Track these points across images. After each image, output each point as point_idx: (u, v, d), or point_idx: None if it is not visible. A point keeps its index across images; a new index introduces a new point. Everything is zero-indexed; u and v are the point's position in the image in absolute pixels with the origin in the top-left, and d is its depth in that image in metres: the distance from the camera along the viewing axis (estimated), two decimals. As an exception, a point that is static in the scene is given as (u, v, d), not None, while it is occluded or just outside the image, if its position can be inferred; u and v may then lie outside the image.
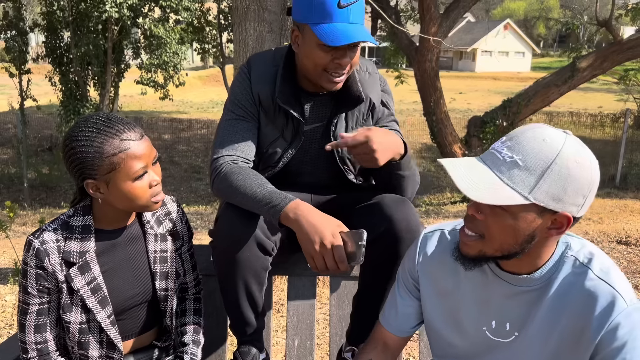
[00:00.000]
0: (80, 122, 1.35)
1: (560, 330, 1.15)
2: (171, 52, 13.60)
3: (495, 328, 1.24)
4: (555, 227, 1.09)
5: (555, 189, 1.04)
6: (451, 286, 1.30)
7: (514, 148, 1.06)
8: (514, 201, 1.04)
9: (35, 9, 15.42)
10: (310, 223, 1.39)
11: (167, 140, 16.48)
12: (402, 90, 10.95)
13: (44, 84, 13.68)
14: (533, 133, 1.07)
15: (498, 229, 1.09)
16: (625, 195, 10.12)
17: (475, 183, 1.06)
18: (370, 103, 1.72)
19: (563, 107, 20.37)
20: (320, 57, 1.55)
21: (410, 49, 9.63)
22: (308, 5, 1.52)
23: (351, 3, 1.49)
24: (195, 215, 8.54)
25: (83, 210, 1.42)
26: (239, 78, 1.70)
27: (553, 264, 1.16)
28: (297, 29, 1.59)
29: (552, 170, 1.03)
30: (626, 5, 12.03)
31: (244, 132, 1.65)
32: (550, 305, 1.16)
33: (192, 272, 1.66)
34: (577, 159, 1.04)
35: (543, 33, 64.73)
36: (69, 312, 1.40)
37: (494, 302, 1.23)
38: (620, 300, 1.09)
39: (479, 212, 1.11)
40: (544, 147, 1.04)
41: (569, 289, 1.14)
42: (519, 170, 1.05)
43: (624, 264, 4.35)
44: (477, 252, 1.14)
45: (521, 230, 1.08)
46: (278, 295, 3.60)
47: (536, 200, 1.04)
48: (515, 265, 1.17)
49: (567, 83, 9.35)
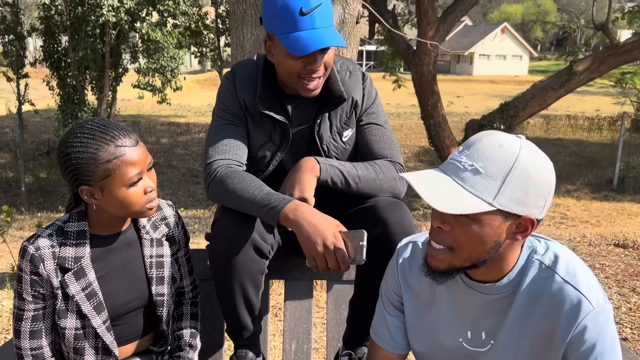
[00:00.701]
0: (75, 128, 1.34)
1: (531, 335, 1.16)
2: (169, 56, 13.61)
3: (471, 338, 1.24)
4: (520, 230, 1.09)
5: (518, 192, 1.05)
6: (429, 299, 1.30)
7: (472, 156, 1.07)
8: (479, 209, 1.04)
9: (33, 14, 15.43)
10: (311, 224, 1.39)
11: (165, 144, 16.48)
12: (400, 94, 10.97)
13: (41, 88, 13.67)
14: (489, 140, 1.07)
15: (465, 239, 1.09)
16: (623, 198, 10.14)
17: (439, 194, 1.05)
18: (352, 102, 1.72)
19: (560, 110, 20.42)
20: (292, 65, 1.55)
21: (408, 53, 9.65)
22: (273, 16, 1.51)
23: (314, 8, 1.47)
24: (193, 219, 8.54)
25: (78, 215, 1.42)
26: (224, 85, 1.72)
27: (519, 270, 1.17)
28: (269, 39, 1.60)
29: (513, 174, 1.04)
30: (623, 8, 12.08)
31: (234, 136, 1.66)
32: (519, 311, 1.17)
33: (188, 277, 1.66)
34: (534, 162, 1.06)
35: (540, 36, 64.93)
36: (64, 318, 1.39)
37: (468, 313, 1.24)
38: (586, 302, 1.09)
39: (444, 223, 1.10)
40: (502, 153, 1.05)
41: (536, 293, 1.15)
42: (480, 177, 1.05)
43: (622, 266, 4.36)
44: (447, 265, 1.13)
45: (488, 237, 1.08)
46: (275, 299, 3.59)
47: (500, 205, 1.05)
48: (484, 274, 1.18)
49: (565, 86, 9.38)
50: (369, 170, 1.66)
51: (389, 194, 1.69)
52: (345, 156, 1.75)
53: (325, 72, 1.60)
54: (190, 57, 28.31)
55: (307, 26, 1.48)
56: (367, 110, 1.75)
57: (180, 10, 12.65)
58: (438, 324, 1.29)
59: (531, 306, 1.15)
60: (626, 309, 3.54)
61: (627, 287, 3.89)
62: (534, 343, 1.16)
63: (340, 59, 1.76)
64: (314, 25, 1.48)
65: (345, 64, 1.75)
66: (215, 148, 1.63)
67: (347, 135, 1.73)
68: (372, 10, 5.94)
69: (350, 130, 1.74)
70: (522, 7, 69.31)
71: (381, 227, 1.55)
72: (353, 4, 2.99)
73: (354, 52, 3.16)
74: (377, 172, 1.66)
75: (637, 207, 8.54)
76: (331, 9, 1.54)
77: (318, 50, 1.51)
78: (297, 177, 1.55)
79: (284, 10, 1.48)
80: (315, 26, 1.48)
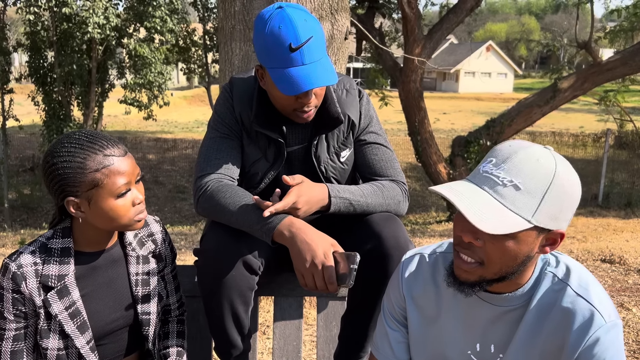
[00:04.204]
0: (62, 138, 1.31)
1: (541, 348, 1.15)
2: (156, 72, 13.59)
3: (479, 351, 1.23)
4: (549, 244, 1.10)
5: (554, 209, 1.04)
6: (435, 312, 1.28)
7: (511, 171, 1.05)
8: (520, 227, 1.03)
9: (19, 29, 15.34)
10: (303, 240, 1.37)
11: (152, 160, 16.38)
12: (387, 111, 11.04)
13: (26, 104, 13.58)
14: (526, 154, 1.06)
15: (499, 254, 1.07)
16: (608, 214, 10.24)
17: (482, 213, 1.03)
18: (349, 121, 1.69)
19: (545, 127, 20.68)
20: (284, 98, 1.53)
21: (395, 70, 9.73)
22: (262, 48, 1.48)
23: (303, 44, 1.42)
24: (180, 235, 8.45)
25: (62, 232, 1.38)
26: (222, 97, 1.69)
27: (533, 282, 1.16)
28: (260, 67, 1.56)
29: (552, 191, 1.04)
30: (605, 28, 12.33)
31: (228, 150, 1.63)
32: (530, 323, 1.16)
33: (175, 294, 1.62)
34: (569, 178, 1.06)
35: (524, 55, 65.97)
36: (47, 338, 1.35)
37: (477, 325, 1.22)
38: (598, 316, 1.09)
39: (477, 239, 1.08)
40: (540, 169, 1.04)
41: (549, 306, 1.15)
42: (520, 194, 1.03)
43: (609, 282, 4.37)
44: (477, 277, 1.11)
45: (522, 253, 1.07)
46: (264, 317, 3.54)
47: (538, 222, 1.04)
48: (502, 286, 1.16)
49: (549, 103, 9.50)
50: (377, 196, 1.61)
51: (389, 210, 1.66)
52: (344, 176, 1.73)
53: (318, 102, 1.57)
54: (178, 73, 28.31)
55: (297, 62, 1.43)
56: (365, 129, 1.72)
57: (167, 28, 12.67)
58: (444, 337, 1.27)
59: (542, 319, 1.15)
60: (615, 324, 3.53)
61: (615, 303, 3.90)
62: (543, 356, 1.15)
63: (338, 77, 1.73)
64: (303, 61, 1.44)
65: (343, 82, 1.72)
66: (207, 161, 1.60)
67: (344, 155, 1.70)
68: (360, 27, 6.00)
69: (348, 150, 1.71)
70: (507, 25, 70.48)
71: (375, 241, 1.53)
72: (341, 21, 3.00)
73: (342, 68, 3.17)
74: (385, 197, 1.62)
75: (622, 223, 8.61)
76: (323, 39, 1.49)
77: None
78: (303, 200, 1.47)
79: (273, 45, 1.43)
80: (305, 62, 1.44)
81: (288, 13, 1.43)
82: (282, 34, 1.41)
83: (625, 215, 10.19)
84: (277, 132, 1.63)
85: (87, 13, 11.10)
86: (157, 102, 14.42)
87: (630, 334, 3.42)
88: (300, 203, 1.44)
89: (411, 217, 10.48)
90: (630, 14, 10.84)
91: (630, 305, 3.86)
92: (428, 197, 12.75)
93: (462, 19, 9.07)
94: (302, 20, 1.43)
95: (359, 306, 1.64)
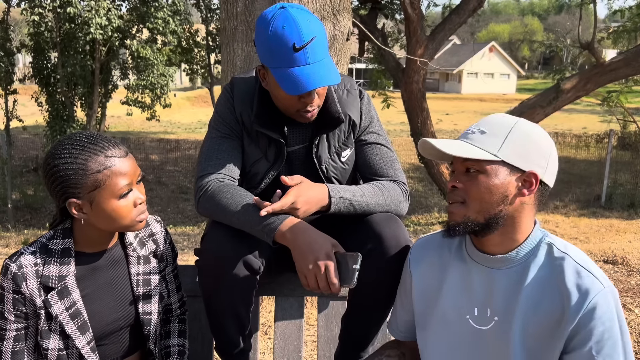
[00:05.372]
0: (63, 140, 1.32)
1: (540, 314, 1.19)
2: (159, 73, 13.62)
3: (477, 315, 1.27)
4: (526, 186, 1.20)
5: (519, 147, 1.20)
6: (437, 283, 1.35)
7: (480, 124, 1.26)
8: (484, 156, 1.18)
9: (23, 30, 15.39)
10: (305, 242, 1.37)
11: (155, 160, 16.40)
12: (390, 111, 11.03)
13: (30, 105, 13.62)
14: (495, 114, 1.29)
15: (476, 190, 1.21)
16: (611, 215, 10.22)
17: (450, 145, 1.23)
18: (350, 121, 1.69)
19: (548, 127, 20.65)
20: (287, 98, 1.52)
21: (397, 71, 9.72)
22: (265, 48, 1.47)
23: (307, 43, 1.42)
24: (182, 236, 8.46)
25: (63, 232, 1.38)
26: (222, 97, 1.69)
27: (531, 249, 1.23)
28: (262, 68, 1.56)
29: (513, 132, 1.21)
30: (608, 28, 12.30)
31: (229, 150, 1.63)
32: (530, 289, 1.21)
33: (176, 293, 1.63)
34: (532, 127, 1.24)
35: (527, 55, 65.88)
36: (47, 338, 1.35)
37: (475, 289, 1.28)
38: (597, 282, 1.15)
39: (457, 181, 1.24)
40: (504, 118, 1.25)
41: (548, 273, 1.20)
42: (485, 136, 1.22)
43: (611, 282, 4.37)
44: (462, 217, 1.23)
45: (495, 187, 1.19)
46: (265, 317, 3.55)
47: (504, 157, 1.19)
48: (495, 243, 1.24)
49: (552, 104, 9.47)
50: (377, 196, 1.61)
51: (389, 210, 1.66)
52: (345, 176, 1.73)
53: (321, 102, 1.57)
54: (181, 74, 28.36)
55: (301, 62, 1.43)
56: (366, 129, 1.72)
57: (169, 29, 12.69)
58: (445, 306, 1.32)
59: (542, 285, 1.20)
60: (617, 325, 3.53)
61: (617, 304, 3.89)
62: (541, 321, 1.19)
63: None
64: (307, 60, 1.43)
65: (344, 82, 1.72)
66: (208, 161, 1.60)
67: (345, 155, 1.70)
68: (363, 28, 6.00)
69: (349, 150, 1.71)
70: (510, 26, 70.40)
71: (376, 242, 1.52)
72: (343, 22, 3.00)
73: (344, 69, 3.17)
74: (385, 198, 1.62)
75: (625, 224, 8.59)
76: (326, 40, 1.49)
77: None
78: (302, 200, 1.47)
79: (276, 45, 1.43)
80: (309, 61, 1.44)
81: (291, 13, 1.42)
82: (285, 33, 1.41)
83: (628, 216, 10.16)
84: (277, 132, 1.63)
85: (89, 14, 11.13)
86: (160, 103, 14.46)
87: (632, 335, 3.41)
88: (299, 203, 1.44)
89: (413, 217, 10.47)
90: (633, 14, 10.81)
91: (633, 306, 3.85)
92: (430, 198, 12.73)
93: (464, 20, 9.06)
94: (305, 20, 1.43)
95: (359, 306, 1.63)
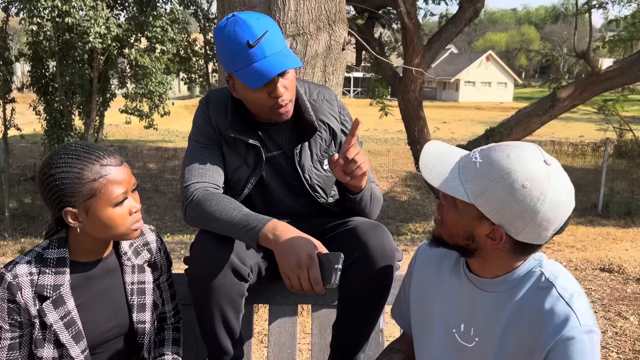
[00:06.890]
0: (59, 149, 1.34)
1: (516, 341, 1.18)
2: (157, 82, 13.64)
3: (463, 331, 1.28)
4: (491, 237, 1.14)
5: (496, 201, 1.09)
6: (433, 293, 1.35)
7: (483, 152, 1.14)
8: (457, 195, 1.13)
9: (22, 39, 15.43)
10: (287, 243, 1.39)
11: (153, 169, 16.40)
12: (387, 120, 11.07)
13: (28, 113, 13.61)
14: (507, 146, 1.12)
15: (448, 217, 1.19)
16: (608, 223, 10.24)
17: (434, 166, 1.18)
18: (330, 130, 1.74)
19: (545, 136, 20.70)
20: (257, 97, 1.57)
21: (395, 80, 9.76)
22: (225, 55, 1.54)
23: (260, 38, 1.48)
24: (180, 244, 8.46)
25: (58, 242, 1.40)
26: (199, 110, 1.73)
27: (520, 277, 1.20)
28: (229, 77, 1.61)
29: (498, 183, 1.08)
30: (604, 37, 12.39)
31: (211, 159, 1.66)
32: (510, 315, 1.19)
33: (170, 302, 1.64)
34: (525, 184, 1.07)
35: (524, 64, 66.14)
36: (41, 347, 1.36)
37: (463, 305, 1.28)
38: (575, 319, 1.11)
39: (444, 198, 1.21)
40: (503, 161, 1.09)
41: (530, 302, 1.17)
42: (474, 171, 1.12)
43: (607, 291, 4.37)
44: (438, 232, 1.24)
45: (461, 225, 1.16)
46: (261, 325, 3.55)
47: (476, 203, 1.11)
48: (478, 268, 1.24)
49: (548, 113, 9.51)
50: (377, 188, 1.74)
51: (374, 217, 1.74)
52: (329, 184, 1.76)
53: (291, 95, 1.61)
54: (179, 82, 28.42)
55: (259, 57, 1.49)
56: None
57: (167, 37, 12.73)
58: (436, 314, 1.33)
59: (522, 313, 1.17)
60: (612, 333, 3.54)
61: (612, 312, 3.90)
62: (517, 348, 1.17)
63: (316, 87, 1.78)
64: (264, 54, 1.49)
65: (322, 92, 1.77)
66: (191, 171, 1.63)
67: (327, 163, 1.74)
68: (359, 38, 6.04)
69: None
70: (507, 35, 70.76)
71: (361, 250, 1.55)
72: (339, 32, 3.03)
73: (340, 78, 3.20)
74: (381, 196, 1.75)
75: (621, 232, 8.61)
76: (280, 33, 1.55)
77: (276, 76, 1.52)
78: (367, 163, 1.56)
79: (232, 47, 1.50)
80: (267, 54, 1.49)
81: (240, 17, 1.50)
82: (238, 34, 1.48)
83: (624, 225, 10.19)
84: (253, 137, 1.67)
85: (88, 23, 11.16)
86: (158, 111, 14.47)
87: (627, 342, 3.42)
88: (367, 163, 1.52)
89: (411, 226, 10.48)
90: (628, 24, 10.89)
91: (628, 314, 3.86)
92: (428, 206, 12.75)
93: (461, 29, 9.11)
94: (254, 18, 1.50)
95: (347, 314, 1.65)
